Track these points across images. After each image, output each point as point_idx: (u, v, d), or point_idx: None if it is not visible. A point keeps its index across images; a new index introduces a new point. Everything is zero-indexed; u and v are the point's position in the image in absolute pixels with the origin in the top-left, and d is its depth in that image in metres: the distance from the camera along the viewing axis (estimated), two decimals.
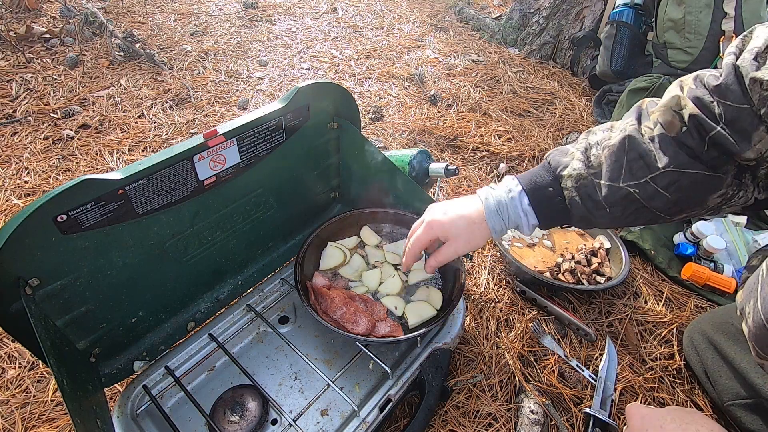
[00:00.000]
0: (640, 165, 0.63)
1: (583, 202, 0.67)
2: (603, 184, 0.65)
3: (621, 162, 0.64)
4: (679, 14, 1.58)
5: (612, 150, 0.65)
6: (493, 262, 1.22)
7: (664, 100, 0.63)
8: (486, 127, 1.75)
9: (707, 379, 0.95)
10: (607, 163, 0.65)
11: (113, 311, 0.75)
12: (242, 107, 1.80)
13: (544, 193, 0.70)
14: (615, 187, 0.64)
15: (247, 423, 0.74)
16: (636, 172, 0.63)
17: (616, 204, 0.65)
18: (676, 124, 0.61)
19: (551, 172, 0.71)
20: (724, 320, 0.94)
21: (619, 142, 0.65)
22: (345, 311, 0.85)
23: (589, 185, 0.67)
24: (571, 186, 0.68)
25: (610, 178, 0.65)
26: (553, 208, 0.70)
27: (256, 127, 0.76)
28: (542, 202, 0.70)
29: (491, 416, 0.89)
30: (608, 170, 0.65)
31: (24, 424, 0.85)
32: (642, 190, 0.63)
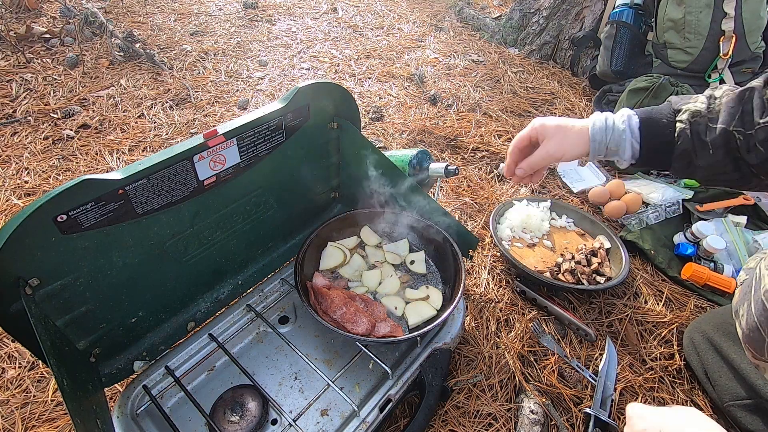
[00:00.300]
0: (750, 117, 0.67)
1: (692, 136, 0.70)
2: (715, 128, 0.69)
3: (737, 109, 0.68)
4: (679, 14, 1.58)
5: (733, 96, 0.69)
6: (493, 262, 1.22)
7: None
8: (486, 127, 1.75)
9: (707, 380, 0.95)
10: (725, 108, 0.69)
11: (113, 311, 0.75)
12: (242, 107, 1.80)
13: (657, 121, 0.73)
14: (724, 130, 0.68)
15: (247, 423, 0.74)
16: (746, 121, 0.67)
17: (720, 147, 0.69)
18: None
19: (670, 107, 0.74)
20: (725, 320, 0.94)
21: (741, 90, 0.69)
22: (345, 311, 0.85)
23: (702, 123, 0.70)
24: (686, 119, 0.71)
25: (723, 121, 0.68)
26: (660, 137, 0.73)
27: (256, 127, 0.76)
28: (652, 128, 0.73)
29: (491, 416, 0.89)
30: (724, 113, 0.69)
31: (24, 424, 0.85)
32: (745, 139, 0.67)
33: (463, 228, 0.95)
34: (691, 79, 1.63)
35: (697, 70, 1.63)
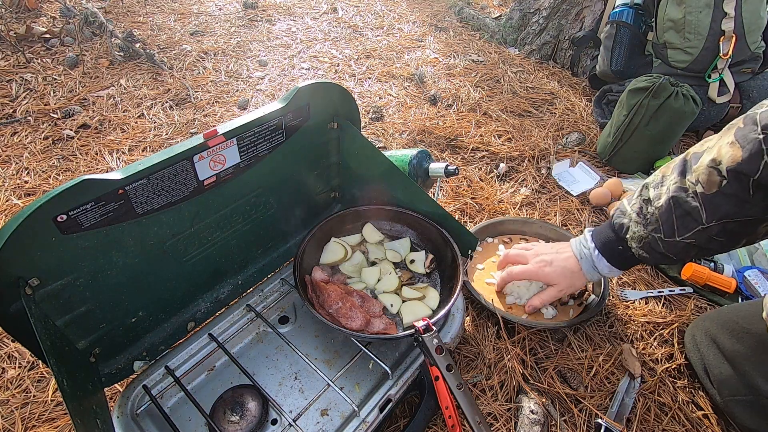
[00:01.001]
0: (688, 220, 0.72)
1: (651, 255, 0.80)
2: (663, 240, 0.76)
3: (671, 221, 0.73)
4: (679, 14, 1.58)
5: (662, 211, 0.75)
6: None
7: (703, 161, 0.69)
8: (486, 127, 1.75)
9: (706, 375, 0.95)
10: (661, 223, 0.75)
11: (113, 311, 0.75)
12: (242, 107, 1.80)
13: (616, 251, 0.86)
14: (673, 242, 0.75)
15: (247, 423, 0.74)
16: (687, 225, 0.72)
17: (680, 252, 0.76)
18: (714, 180, 0.67)
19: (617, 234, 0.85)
20: (729, 318, 0.94)
21: (666, 203, 0.74)
22: (341, 306, 0.85)
23: (652, 241, 0.78)
24: (636, 246, 0.81)
25: (666, 235, 0.75)
26: (629, 261, 0.86)
27: (256, 127, 0.76)
28: (618, 259, 0.87)
29: (491, 416, 0.89)
30: (663, 229, 0.75)
31: (24, 424, 0.85)
32: (698, 238, 0.72)
33: (462, 228, 0.95)
34: (691, 79, 1.63)
35: (697, 70, 1.63)
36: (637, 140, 1.50)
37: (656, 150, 1.54)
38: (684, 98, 1.41)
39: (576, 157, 1.64)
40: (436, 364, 0.72)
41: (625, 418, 0.91)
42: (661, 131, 1.47)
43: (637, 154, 1.54)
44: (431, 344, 0.74)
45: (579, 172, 1.57)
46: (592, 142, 1.73)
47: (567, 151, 1.67)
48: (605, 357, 1.01)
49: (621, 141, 1.53)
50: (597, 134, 1.76)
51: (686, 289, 1.19)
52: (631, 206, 0.82)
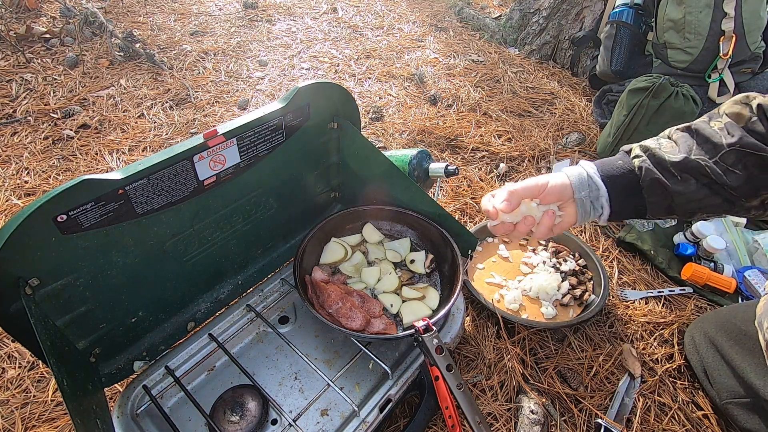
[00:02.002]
0: (708, 146, 0.64)
1: (654, 165, 0.65)
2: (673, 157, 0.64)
3: (690, 143, 0.65)
4: (679, 14, 1.58)
5: (681, 134, 0.67)
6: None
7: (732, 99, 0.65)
8: (486, 127, 1.75)
9: (706, 377, 0.95)
10: (680, 141, 0.67)
11: (113, 311, 0.75)
12: (242, 107, 1.80)
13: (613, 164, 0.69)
14: (686, 159, 0.64)
15: (247, 423, 0.74)
16: (706, 151, 0.64)
17: (688, 172, 0.63)
18: (744, 115, 0.62)
19: (621, 152, 0.71)
20: (727, 320, 0.94)
21: (685, 128, 0.67)
22: (341, 306, 0.85)
23: (658, 154, 0.66)
24: (641, 152, 0.67)
25: (683, 150, 0.65)
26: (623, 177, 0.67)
27: (256, 127, 0.76)
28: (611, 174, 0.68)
29: (491, 416, 0.89)
30: (681, 144, 0.66)
31: (24, 424, 0.85)
32: (712, 168, 0.63)
33: (462, 228, 0.95)
34: (691, 79, 1.63)
35: (697, 70, 1.63)
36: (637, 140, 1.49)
37: None
38: (684, 98, 1.41)
39: (576, 157, 1.64)
40: (436, 364, 0.72)
41: (625, 418, 0.91)
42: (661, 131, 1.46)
43: None
44: (431, 344, 0.74)
45: None
46: (592, 142, 1.73)
47: (567, 151, 1.67)
48: (605, 357, 1.01)
49: (621, 141, 1.53)
50: (597, 134, 1.76)
51: (686, 289, 1.19)
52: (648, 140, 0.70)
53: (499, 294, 1.10)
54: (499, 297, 1.09)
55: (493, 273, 1.15)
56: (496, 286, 1.12)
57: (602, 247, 1.30)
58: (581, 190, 0.68)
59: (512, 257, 1.20)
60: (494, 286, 1.12)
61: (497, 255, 1.21)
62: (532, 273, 1.15)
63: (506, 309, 1.06)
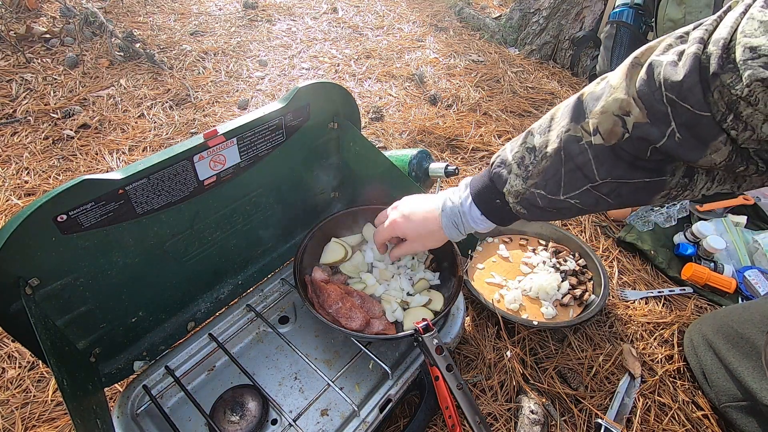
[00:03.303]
0: (578, 176, 0.60)
1: (530, 211, 0.68)
2: (544, 195, 0.64)
3: (559, 176, 0.61)
4: (679, 14, 1.58)
5: (549, 162, 0.62)
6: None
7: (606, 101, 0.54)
8: (486, 127, 1.75)
9: (705, 380, 0.95)
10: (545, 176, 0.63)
11: (113, 311, 0.75)
12: (242, 107, 1.80)
13: (493, 204, 0.72)
14: (556, 200, 0.63)
15: (247, 423, 0.74)
16: (575, 182, 0.60)
17: (561, 211, 0.65)
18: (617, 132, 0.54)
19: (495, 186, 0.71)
20: (725, 323, 0.94)
21: (555, 153, 0.61)
22: (341, 306, 0.85)
23: (530, 197, 0.66)
24: (513, 202, 0.69)
25: (549, 192, 0.63)
26: (505, 215, 0.73)
27: (256, 127, 0.76)
28: (493, 212, 0.73)
29: (491, 416, 0.89)
30: (547, 184, 0.63)
31: (24, 424, 0.85)
32: (583, 198, 0.61)
33: None
34: None
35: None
36: None
37: None
38: None
39: None
40: (436, 364, 0.72)
41: (625, 418, 0.91)
42: None
43: None
44: (431, 344, 0.74)
45: None
46: None
47: None
48: (605, 357, 1.01)
49: None
50: None
51: (686, 289, 1.19)
52: (513, 154, 0.68)
53: (499, 294, 1.10)
54: (499, 297, 1.09)
55: (493, 273, 1.15)
56: (496, 286, 1.12)
57: (602, 247, 1.30)
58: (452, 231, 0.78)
59: (512, 257, 1.20)
60: (494, 286, 1.12)
61: (497, 255, 1.21)
62: (532, 273, 1.15)
63: (506, 309, 1.06)
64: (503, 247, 1.22)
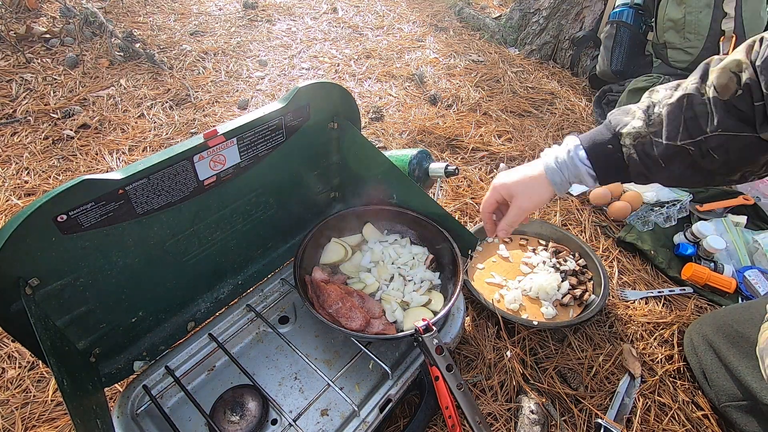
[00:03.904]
0: (696, 124, 0.64)
1: (641, 158, 0.69)
2: (661, 142, 0.67)
3: (679, 120, 0.65)
4: (679, 14, 1.58)
5: (671, 108, 0.66)
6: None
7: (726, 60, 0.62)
8: (486, 127, 1.75)
9: (705, 380, 0.95)
10: (666, 121, 0.66)
11: (113, 311, 0.75)
12: (242, 107, 1.80)
13: (603, 149, 0.72)
14: (672, 145, 0.66)
15: (247, 423, 0.74)
16: (692, 131, 0.64)
17: (673, 160, 0.67)
18: (731, 87, 0.60)
19: (611, 130, 0.72)
20: (725, 322, 0.94)
21: (678, 100, 0.66)
22: (341, 306, 0.85)
23: (647, 143, 0.68)
24: (630, 143, 0.70)
25: (668, 137, 0.66)
26: (611, 164, 0.72)
27: (256, 127, 0.76)
28: (600, 158, 0.73)
29: (491, 416, 0.89)
30: (667, 128, 0.66)
31: (24, 424, 0.85)
32: (697, 148, 0.64)
33: (462, 228, 0.95)
34: None
35: None
36: None
37: None
38: None
39: None
40: (436, 364, 0.72)
41: (625, 418, 0.91)
42: None
43: None
44: (431, 344, 0.74)
45: None
46: None
47: None
48: (605, 357, 1.01)
49: None
50: None
51: (686, 289, 1.19)
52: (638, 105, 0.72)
53: (499, 294, 1.10)
54: (499, 297, 1.09)
55: (493, 273, 1.15)
56: (496, 286, 1.12)
57: (602, 247, 1.30)
58: (555, 176, 0.76)
59: (512, 257, 1.20)
60: (494, 286, 1.12)
61: (497, 255, 1.21)
62: (532, 273, 1.15)
63: (506, 309, 1.06)
64: (503, 247, 1.22)
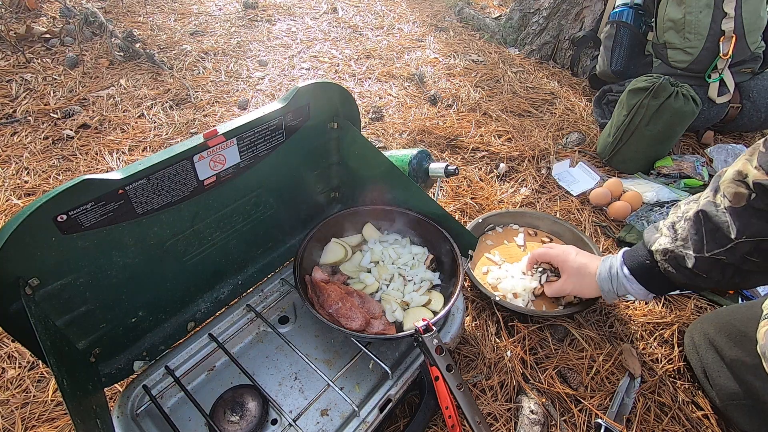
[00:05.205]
0: (720, 235, 0.68)
1: (678, 271, 0.75)
2: (691, 255, 0.72)
3: (701, 234, 0.70)
4: (679, 14, 1.58)
5: (692, 223, 0.72)
6: None
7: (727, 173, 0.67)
8: (486, 127, 1.75)
9: (706, 379, 0.95)
10: (689, 235, 0.72)
11: (113, 311, 0.75)
12: (242, 107, 1.80)
13: (643, 264, 0.82)
14: (702, 257, 0.70)
15: (247, 423, 0.74)
16: (719, 241, 0.68)
17: (710, 270, 0.71)
18: (743, 194, 0.65)
19: (646, 247, 0.82)
20: (727, 321, 0.94)
21: (694, 215, 0.71)
22: (341, 306, 0.85)
23: (679, 257, 0.74)
24: (661, 259, 0.77)
25: (695, 250, 0.71)
26: (655, 277, 0.81)
27: (256, 127, 0.76)
28: (643, 274, 0.83)
29: (491, 416, 0.89)
30: (692, 242, 0.72)
31: (24, 424, 0.85)
32: (729, 255, 0.68)
33: (462, 228, 0.95)
34: (691, 79, 1.63)
35: (697, 70, 1.63)
36: (637, 140, 1.50)
37: (656, 150, 1.54)
38: (684, 98, 1.41)
39: (576, 157, 1.64)
40: (436, 364, 0.72)
41: (625, 418, 0.91)
42: (661, 131, 1.47)
43: (637, 154, 1.54)
44: (431, 344, 0.74)
45: (579, 172, 1.57)
46: (592, 142, 1.73)
47: (567, 151, 1.67)
48: (605, 357, 1.01)
49: (621, 141, 1.53)
50: (597, 134, 1.76)
51: None
52: (665, 221, 0.80)
53: (495, 278, 1.13)
54: (494, 281, 1.13)
55: (496, 251, 1.20)
56: (492, 262, 1.17)
57: (602, 247, 1.30)
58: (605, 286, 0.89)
59: (527, 248, 1.24)
60: (491, 262, 1.17)
61: (514, 242, 1.25)
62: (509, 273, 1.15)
63: (501, 295, 1.08)
64: (521, 237, 1.25)
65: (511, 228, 1.28)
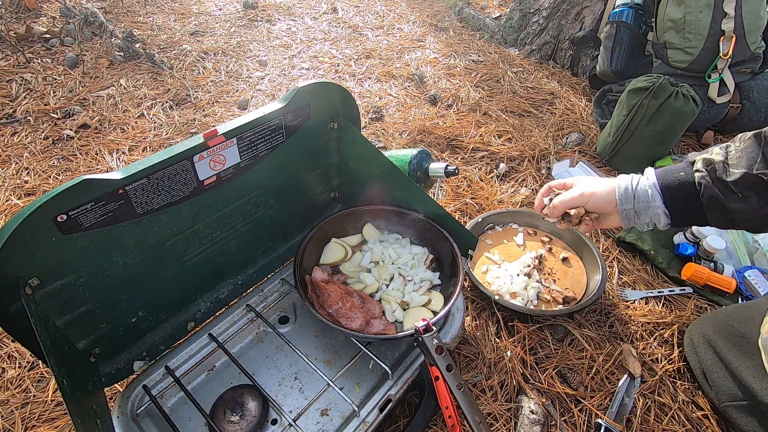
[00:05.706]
0: None
1: (714, 183, 0.67)
2: (737, 172, 0.65)
3: (756, 153, 0.65)
4: (679, 14, 1.58)
5: (749, 143, 0.66)
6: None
7: None
8: (486, 127, 1.75)
9: (705, 380, 0.95)
10: (745, 154, 0.66)
11: (113, 311, 0.75)
12: (242, 107, 1.80)
13: (676, 177, 0.71)
14: (748, 174, 0.64)
15: (247, 423, 0.74)
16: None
17: (749, 189, 0.65)
18: None
19: (686, 162, 0.72)
20: (726, 322, 0.94)
21: (754, 135, 0.66)
22: (341, 306, 0.85)
23: (720, 169, 0.67)
24: (702, 167, 0.68)
25: (745, 165, 0.65)
26: (682, 192, 0.70)
27: (256, 127, 0.76)
28: (670, 186, 0.71)
29: (491, 416, 0.89)
30: (744, 158, 0.65)
31: (24, 424, 0.85)
32: None
33: (462, 228, 0.95)
34: (691, 79, 1.63)
35: (697, 70, 1.63)
36: (637, 140, 1.50)
37: (656, 150, 1.54)
38: (684, 98, 1.41)
39: (576, 157, 1.64)
40: (436, 364, 0.72)
41: (625, 418, 0.91)
42: (661, 131, 1.47)
43: (637, 154, 1.54)
44: (431, 344, 0.74)
45: (579, 172, 1.57)
46: (592, 142, 1.73)
47: (567, 151, 1.67)
48: (605, 357, 1.01)
49: (621, 141, 1.53)
50: (597, 134, 1.76)
51: (686, 289, 1.19)
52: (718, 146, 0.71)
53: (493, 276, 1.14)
54: (491, 280, 1.13)
55: (495, 251, 1.20)
56: (491, 261, 1.17)
57: (602, 246, 1.30)
58: (625, 203, 0.74)
59: (527, 247, 1.24)
60: (490, 261, 1.17)
61: (513, 241, 1.25)
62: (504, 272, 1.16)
63: (499, 294, 1.08)
64: (521, 236, 1.24)
65: (511, 227, 1.28)
